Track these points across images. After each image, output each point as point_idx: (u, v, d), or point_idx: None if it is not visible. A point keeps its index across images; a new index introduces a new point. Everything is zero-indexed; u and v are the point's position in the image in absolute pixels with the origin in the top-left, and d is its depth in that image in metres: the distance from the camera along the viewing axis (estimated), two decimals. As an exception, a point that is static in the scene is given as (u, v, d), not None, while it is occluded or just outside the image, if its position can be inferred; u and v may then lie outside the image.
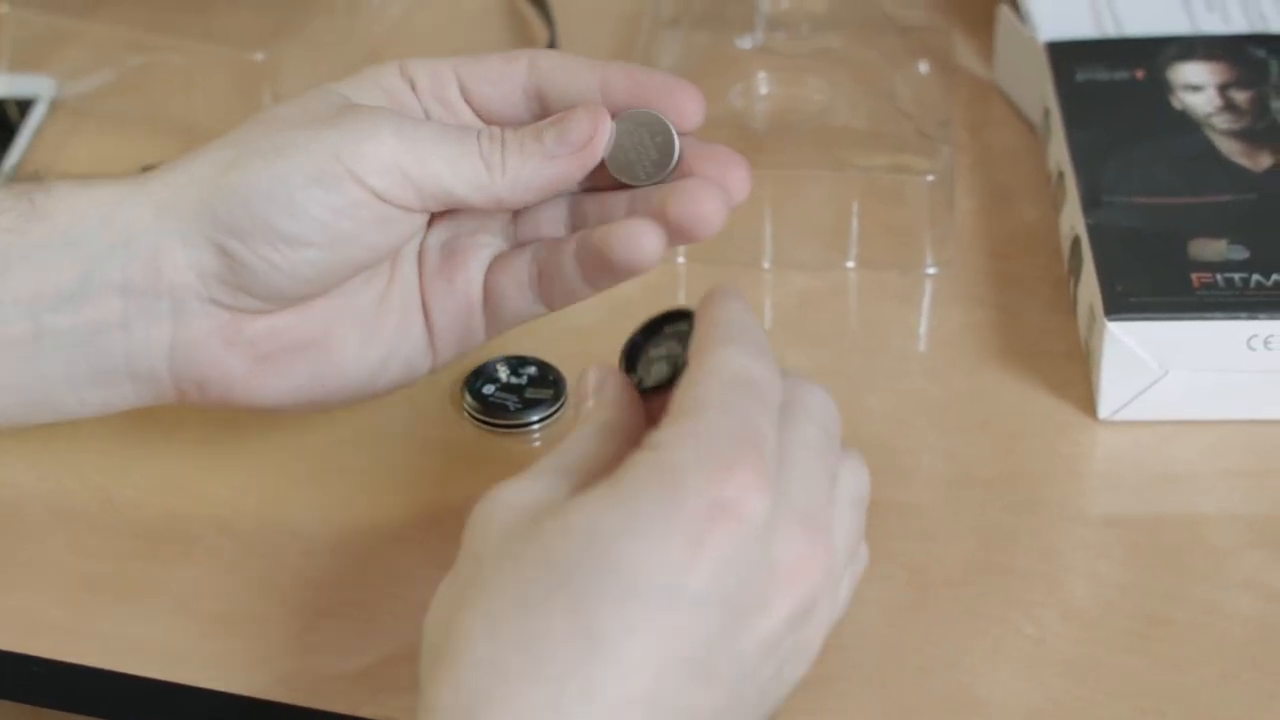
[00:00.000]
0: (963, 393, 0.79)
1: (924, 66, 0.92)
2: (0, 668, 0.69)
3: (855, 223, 0.85)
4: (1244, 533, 0.72)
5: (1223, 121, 0.85)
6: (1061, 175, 0.84)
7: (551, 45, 0.97)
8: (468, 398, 0.77)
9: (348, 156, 0.66)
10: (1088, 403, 0.77)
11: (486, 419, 0.76)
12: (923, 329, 0.83)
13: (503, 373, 0.78)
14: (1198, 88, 0.87)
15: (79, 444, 0.77)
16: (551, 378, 0.78)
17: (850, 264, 0.85)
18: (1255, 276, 0.76)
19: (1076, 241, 0.80)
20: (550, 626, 0.53)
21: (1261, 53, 0.88)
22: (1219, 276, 0.76)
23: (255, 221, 0.66)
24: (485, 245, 0.71)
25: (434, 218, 0.71)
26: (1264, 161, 0.82)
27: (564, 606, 0.53)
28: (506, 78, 0.70)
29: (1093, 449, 0.76)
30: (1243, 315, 0.75)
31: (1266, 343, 0.75)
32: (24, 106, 0.94)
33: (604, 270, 0.68)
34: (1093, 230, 0.79)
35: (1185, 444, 0.76)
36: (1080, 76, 0.88)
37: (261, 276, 0.67)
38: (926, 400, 0.79)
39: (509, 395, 0.77)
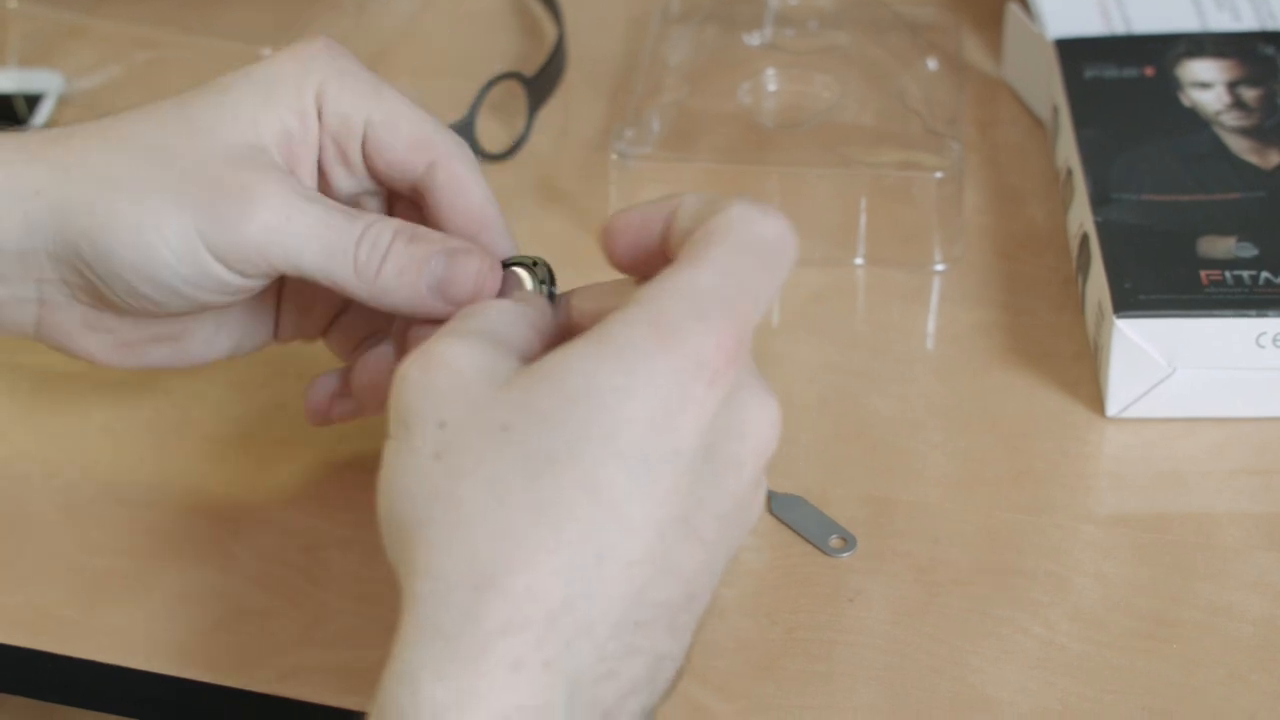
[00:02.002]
0: (970, 391, 0.79)
1: (932, 64, 0.92)
2: (8, 663, 0.69)
3: (863, 220, 0.85)
4: (1253, 532, 0.72)
5: (1232, 119, 0.85)
6: (1070, 173, 0.84)
7: (560, 44, 0.97)
8: None
9: (216, 243, 0.65)
10: (1096, 401, 0.77)
11: None
12: (931, 326, 0.83)
13: None
14: (1207, 85, 0.87)
15: (87, 441, 0.77)
16: None
17: (858, 261, 0.85)
18: (1264, 274, 0.76)
19: (1085, 239, 0.80)
20: (561, 492, 0.53)
21: (1271, 50, 0.88)
22: (1228, 274, 0.76)
23: (116, 277, 0.66)
24: None
25: None
26: (1273, 159, 0.82)
27: (572, 473, 0.53)
28: (403, 168, 0.69)
29: (1101, 447, 0.76)
30: (1251, 313, 0.75)
31: (1275, 340, 0.75)
32: (32, 102, 0.94)
33: None
34: (1101, 228, 0.79)
35: (1194, 442, 0.76)
36: (1089, 74, 0.88)
37: (121, 304, 0.68)
38: (934, 398, 0.78)
39: None
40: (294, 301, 0.72)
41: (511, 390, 0.55)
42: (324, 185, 0.69)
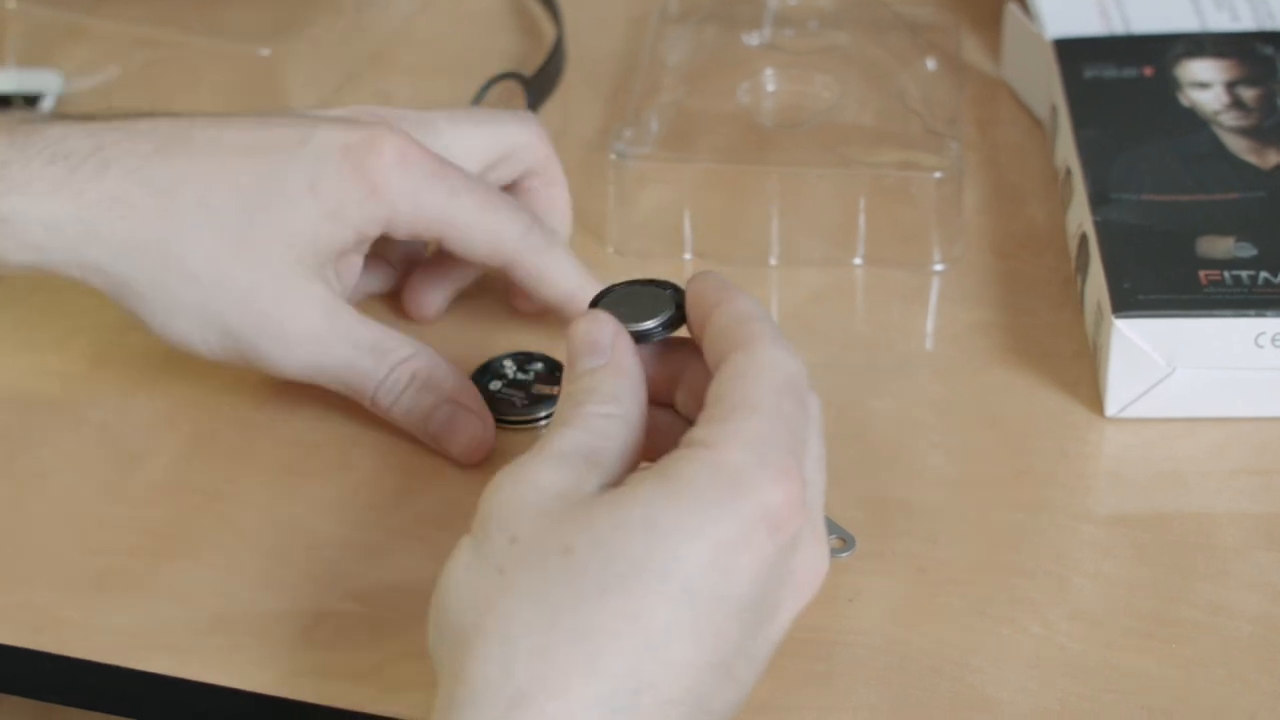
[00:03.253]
0: (970, 390, 0.79)
1: (932, 64, 0.92)
2: (10, 663, 0.69)
3: (862, 220, 0.85)
4: (1251, 532, 0.72)
5: (1231, 119, 0.85)
6: (1069, 172, 0.84)
7: (559, 44, 0.97)
8: None
9: (253, 360, 0.73)
10: (1095, 401, 0.77)
11: (494, 415, 0.76)
12: (930, 326, 0.83)
13: (510, 369, 0.78)
14: (1206, 85, 0.87)
15: (86, 440, 0.77)
16: (558, 374, 0.78)
17: (858, 261, 0.85)
18: (1263, 274, 0.76)
19: (1084, 239, 0.80)
20: (606, 622, 0.54)
21: (1269, 50, 0.88)
22: (1227, 274, 0.76)
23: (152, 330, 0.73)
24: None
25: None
26: (1272, 159, 0.82)
27: (621, 603, 0.54)
28: (480, 263, 0.76)
29: (1100, 447, 0.76)
30: (1250, 313, 0.75)
31: (1274, 340, 0.75)
32: (31, 102, 0.94)
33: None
34: (1100, 228, 0.79)
35: (1192, 442, 0.76)
36: (1088, 74, 0.88)
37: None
38: (933, 398, 0.78)
39: (516, 391, 0.77)
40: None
41: (580, 515, 0.56)
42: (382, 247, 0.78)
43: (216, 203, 0.71)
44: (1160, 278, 0.76)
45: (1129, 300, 0.75)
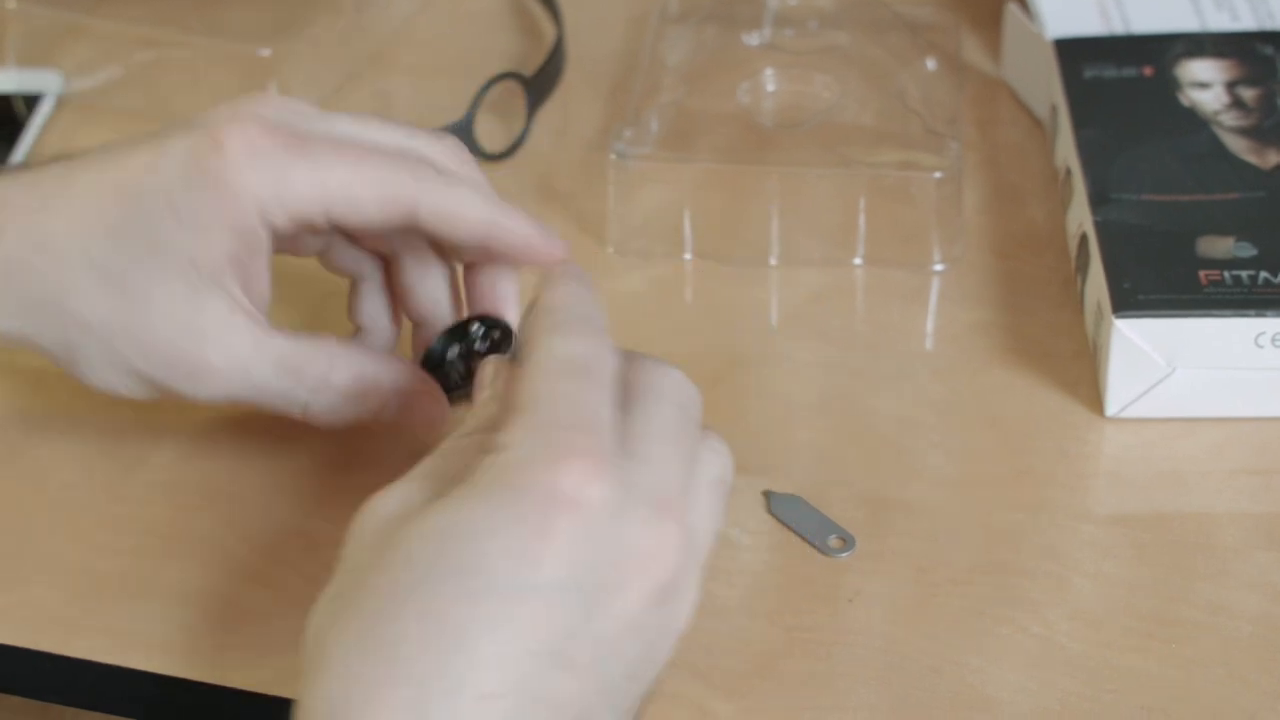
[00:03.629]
0: (969, 390, 0.79)
1: (932, 63, 0.92)
2: (8, 663, 0.69)
3: (862, 220, 0.85)
4: (1251, 532, 0.72)
5: (1231, 119, 0.85)
6: (1069, 172, 0.84)
7: (559, 44, 0.97)
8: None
9: (176, 393, 0.70)
10: (1095, 401, 0.77)
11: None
12: (930, 326, 0.83)
13: (477, 333, 0.74)
14: (1206, 85, 0.87)
15: (85, 441, 0.77)
16: (506, 346, 0.73)
17: (858, 261, 0.85)
18: (1263, 274, 0.76)
19: (1084, 239, 0.80)
20: (409, 628, 0.54)
21: (1269, 50, 0.88)
22: (1227, 274, 0.76)
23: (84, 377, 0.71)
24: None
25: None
26: (1272, 159, 0.82)
27: (421, 608, 0.54)
28: (381, 224, 0.70)
29: (1100, 447, 0.76)
30: (1250, 313, 0.75)
31: (1274, 340, 0.75)
32: (31, 102, 0.94)
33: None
34: (1100, 228, 0.79)
35: (1192, 442, 0.76)
36: (1088, 74, 0.88)
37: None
38: (933, 398, 0.78)
39: (463, 362, 0.73)
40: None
41: (396, 532, 0.56)
42: (297, 249, 0.73)
43: (98, 254, 0.69)
44: (1160, 278, 0.76)
45: (1129, 300, 0.75)
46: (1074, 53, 0.89)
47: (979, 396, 0.78)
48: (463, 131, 0.91)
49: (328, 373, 0.70)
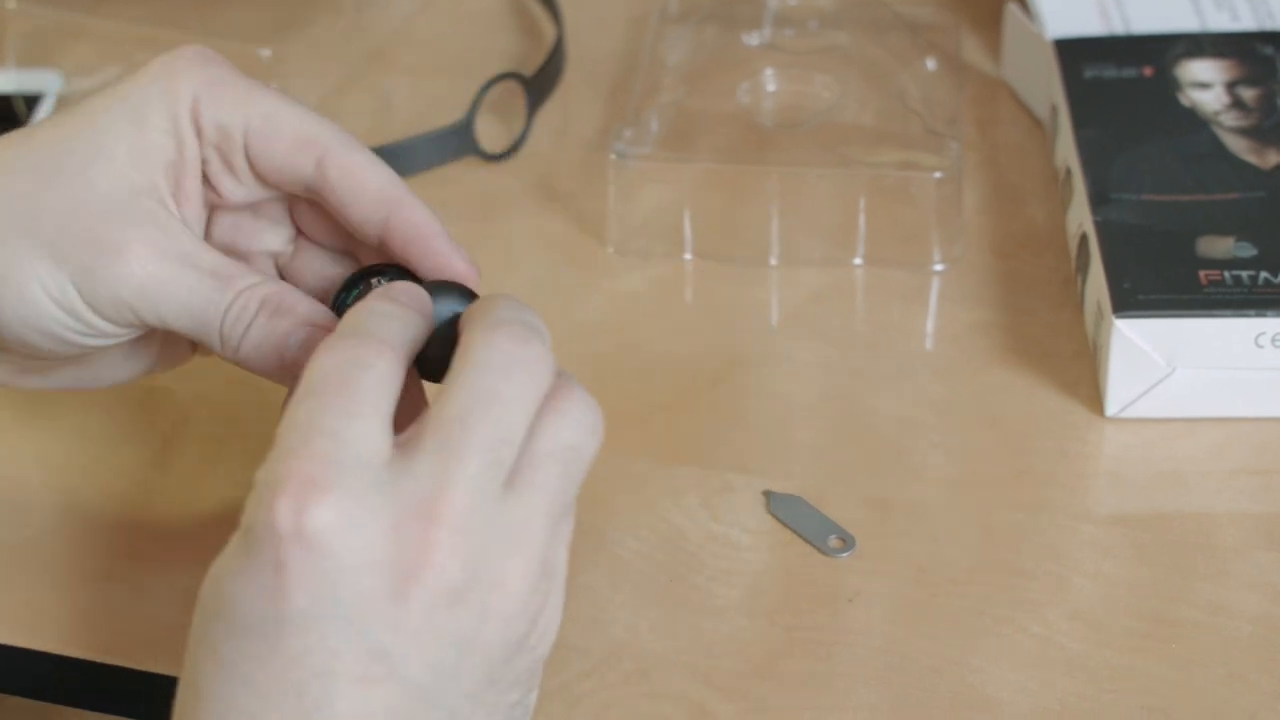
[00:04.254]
0: (969, 390, 0.79)
1: (932, 63, 0.92)
2: (10, 663, 0.69)
3: (862, 220, 0.85)
4: (1251, 532, 0.72)
5: (1231, 119, 0.85)
6: (1069, 172, 0.84)
7: (559, 44, 0.97)
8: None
9: (90, 297, 0.64)
10: (1095, 401, 0.77)
11: None
12: (930, 326, 0.83)
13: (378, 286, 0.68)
14: (1206, 85, 0.87)
15: (88, 441, 0.77)
16: None
17: (858, 261, 0.85)
18: (1263, 274, 0.76)
19: (1084, 239, 0.80)
20: (196, 671, 0.56)
21: (1269, 50, 0.88)
22: (1227, 274, 0.76)
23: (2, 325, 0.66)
24: (263, 252, 0.70)
25: (212, 215, 0.69)
26: (1272, 159, 0.82)
27: (206, 649, 0.56)
28: (291, 170, 0.67)
29: (1100, 447, 0.76)
30: (1250, 313, 0.75)
31: (1274, 340, 0.75)
32: (31, 102, 0.94)
33: None
34: (1100, 228, 0.79)
35: (1192, 442, 0.76)
36: (1088, 74, 0.88)
37: (8, 346, 0.67)
38: (933, 398, 0.78)
39: None
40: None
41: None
42: (215, 198, 0.68)
43: (26, 142, 0.66)
44: (1160, 278, 0.76)
45: (1129, 300, 0.75)
46: (1074, 53, 0.89)
47: (979, 396, 0.78)
48: (463, 131, 0.91)
49: (258, 284, 0.66)
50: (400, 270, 0.66)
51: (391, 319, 0.60)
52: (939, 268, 0.85)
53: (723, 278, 0.85)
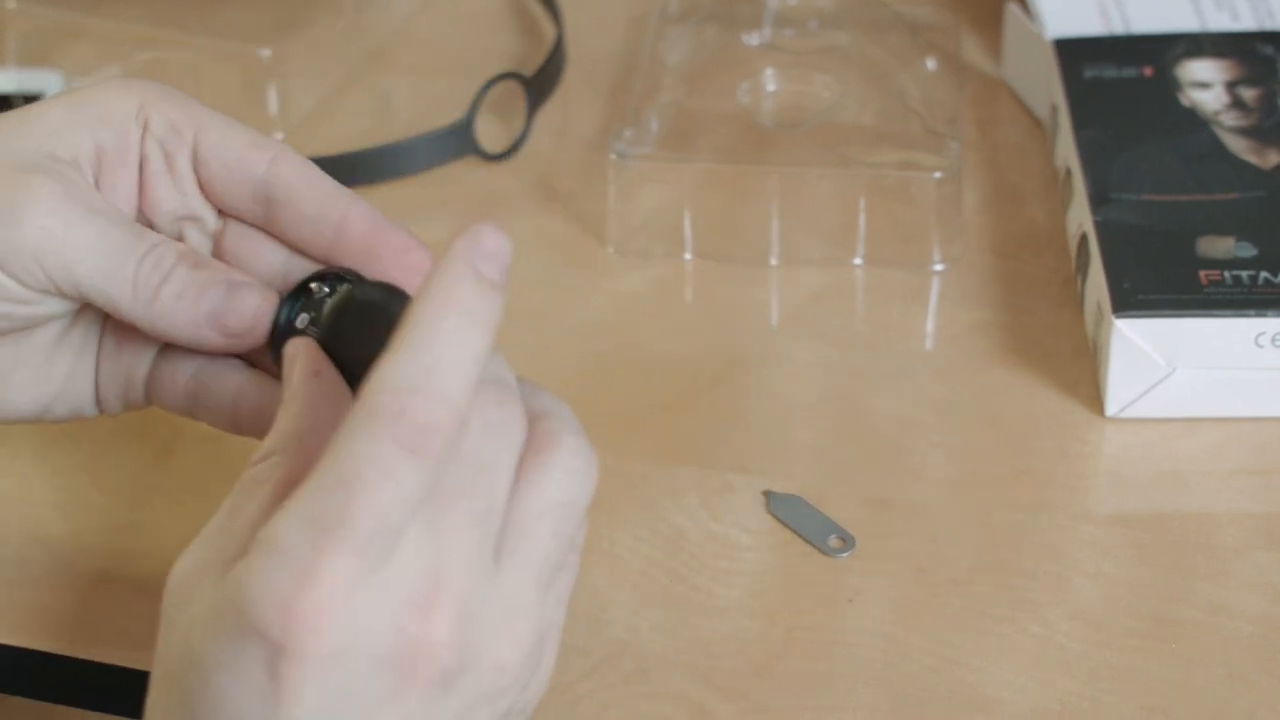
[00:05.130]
0: (969, 390, 0.79)
1: (932, 63, 0.92)
2: (9, 663, 0.69)
3: (862, 220, 0.85)
4: (1251, 532, 0.72)
5: (1231, 119, 0.85)
6: (1069, 172, 0.84)
7: (559, 44, 0.97)
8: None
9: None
10: (1094, 401, 0.77)
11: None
12: (930, 327, 0.83)
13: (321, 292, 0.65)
14: (1206, 85, 0.87)
15: (88, 440, 0.77)
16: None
17: (858, 261, 0.85)
18: (1263, 274, 0.76)
19: (1084, 239, 0.80)
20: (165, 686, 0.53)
21: (1270, 50, 0.88)
22: (1227, 274, 0.76)
23: None
24: None
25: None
26: (1272, 159, 0.82)
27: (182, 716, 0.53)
28: (242, 167, 0.64)
29: (1100, 447, 0.76)
30: (1251, 313, 0.75)
31: (1275, 340, 0.75)
32: (31, 101, 0.94)
33: None
34: (1100, 228, 0.79)
35: (1193, 442, 0.76)
36: (1088, 74, 0.88)
37: None
38: (933, 398, 0.78)
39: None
40: (109, 363, 0.67)
41: (174, 620, 0.56)
42: (145, 202, 0.65)
43: None
44: (1160, 278, 0.76)
45: (1129, 300, 0.75)
46: (1074, 53, 0.89)
47: (979, 396, 0.78)
48: (463, 131, 0.91)
49: (172, 242, 0.63)
50: (339, 276, 0.63)
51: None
52: (939, 268, 0.85)
53: (723, 278, 0.85)
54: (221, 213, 0.65)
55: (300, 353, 0.60)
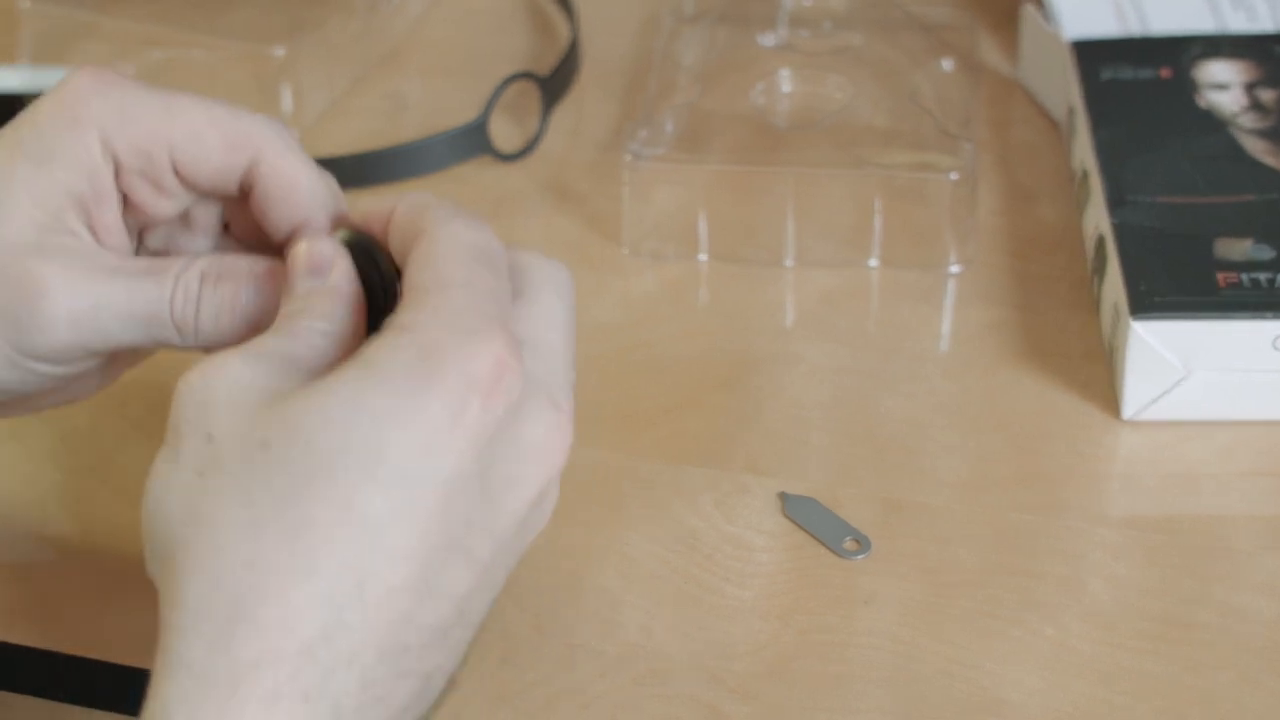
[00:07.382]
0: (983, 391, 0.79)
1: (947, 64, 0.91)
2: (11, 662, 0.69)
3: (877, 221, 0.85)
4: (1265, 535, 0.72)
5: (1248, 120, 0.84)
6: (1086, 174, 0.84)
7: (574, 44, 0.97)
8: None
9: (26, 347, 0.61)
10: (1108, 403, 0.77)
11: None
12: (944, 328, 0.83)
13: None
14: (1223, 86, 0.86)
15: (98, 440, 0.77)
16: None
17: (872, 262, 0.85)
18: (1280, 276, 0.76)
19: (1101, 241, 0.80)
20: (317, 516, 0.52)
21: (1288, 51, 0.88)
22: (1244, 276, 0.76)
23: None
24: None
25: (142, 233, 0.66)
26: (1289, 161, 0.82)
27: (329, 495, 0.52)
28: (223, 175, 0.63)
29: (1114, 450, 0.76)
30: (1268, 315, 0.74)
31: (1291, 343, 0.75)
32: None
33: None
34: (1118, 229, 0.79)
35: (1206, 444, 0.76)
36: (1105, 75, 0.87)
37: None
38: (947, 399, 0.78)
39: None
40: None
41: (278, 408, 0.53)
42: (140, 217, 0.65)
43: None
44: (1177, 280, 0.76)
45: (1146, 303, 0.75)
46: (1091, 54, 0.89)
47: (992, 398, 0.78)
48: (477, 131, 0.91)
49: (190, 263, 0.63)
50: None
51: None
52: (953, 269, 0.85)
53: (737, 279, 0.85)
54: None
55: (340, 257, 0.60)
